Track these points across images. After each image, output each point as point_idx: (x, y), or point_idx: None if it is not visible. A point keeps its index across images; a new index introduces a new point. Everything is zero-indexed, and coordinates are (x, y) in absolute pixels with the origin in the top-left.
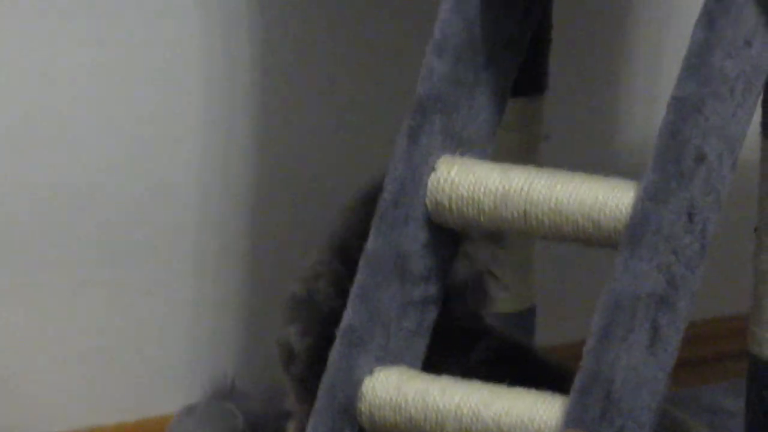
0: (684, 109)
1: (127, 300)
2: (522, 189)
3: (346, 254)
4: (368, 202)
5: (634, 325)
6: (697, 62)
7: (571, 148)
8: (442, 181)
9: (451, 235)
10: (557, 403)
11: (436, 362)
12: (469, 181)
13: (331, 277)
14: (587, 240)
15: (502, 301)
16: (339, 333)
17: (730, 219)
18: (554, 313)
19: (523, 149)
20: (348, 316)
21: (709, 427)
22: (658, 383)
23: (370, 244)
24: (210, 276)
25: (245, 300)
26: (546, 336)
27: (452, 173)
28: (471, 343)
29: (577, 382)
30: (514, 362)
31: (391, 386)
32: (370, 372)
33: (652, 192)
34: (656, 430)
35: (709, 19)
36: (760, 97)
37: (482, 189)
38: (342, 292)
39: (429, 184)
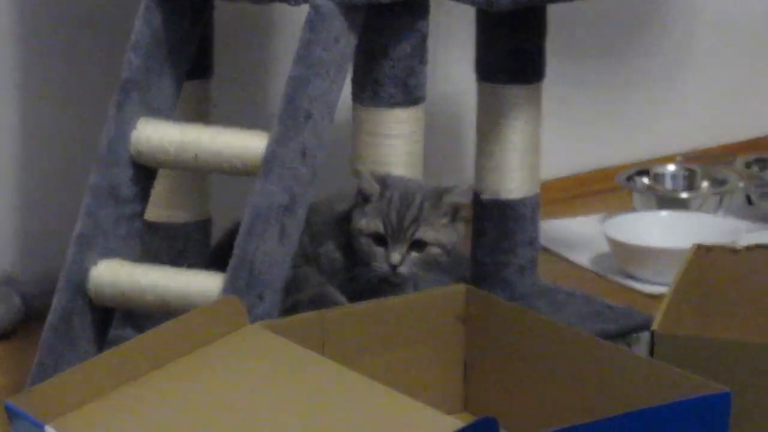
0: (296, 84)
1: None
2: (193, 140)
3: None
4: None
5: (268, 225)
6: (305, 53)
7: (233, 110)
8: (141, 135)
9: (149, 171)
10: (219, 278)
11: None
12: (159, 135)
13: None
14: (239, 172)
15: (187, 214)
16: (72, 239)
17: (333, 154)
18: (227, 219)
19: (197, 114)
20: (79, 227)
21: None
22: (285, 264)
23: (92, 179)
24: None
25: (22, 211)
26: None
27: (147, 130)
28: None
29: (230, 264)
30: None
31: (110, 272)
32: (96, 263)
33: (278, 138)
34: (299, 298)
35: (311, 26)
36: (349, 74)
37: (167, 140)
38: None
39: (132, 137)
